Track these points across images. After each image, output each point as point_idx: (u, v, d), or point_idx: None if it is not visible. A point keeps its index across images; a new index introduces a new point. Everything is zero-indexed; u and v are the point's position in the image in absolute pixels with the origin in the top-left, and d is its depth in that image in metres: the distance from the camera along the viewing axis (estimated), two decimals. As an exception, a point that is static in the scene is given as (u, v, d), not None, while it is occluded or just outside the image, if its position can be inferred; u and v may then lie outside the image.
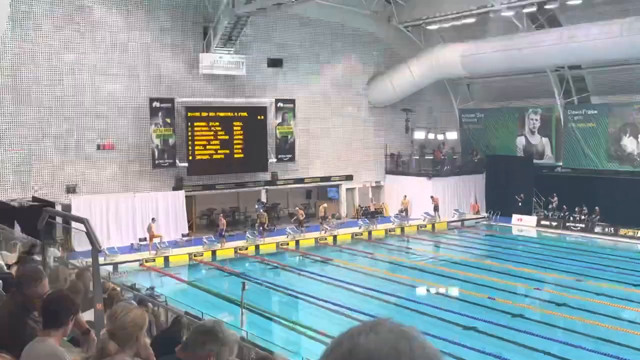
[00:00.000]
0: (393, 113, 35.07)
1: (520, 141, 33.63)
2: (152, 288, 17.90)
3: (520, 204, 32.29)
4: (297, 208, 29.94)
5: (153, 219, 26.05)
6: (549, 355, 14.81)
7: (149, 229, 25.40)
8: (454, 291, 21.23)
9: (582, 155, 31.11)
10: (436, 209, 31.56)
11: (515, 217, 31.98)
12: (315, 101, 32.54)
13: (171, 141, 27.59)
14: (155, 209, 27.57)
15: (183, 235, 27.42)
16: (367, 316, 17.34)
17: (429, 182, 33.06)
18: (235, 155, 29.31)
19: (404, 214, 31.45)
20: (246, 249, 26.86)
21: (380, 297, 19.65)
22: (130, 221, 27.00)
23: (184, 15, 28.29)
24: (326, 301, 19.03)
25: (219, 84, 29.57)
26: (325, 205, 30.43)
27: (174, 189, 28.42)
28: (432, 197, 31.74)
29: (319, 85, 32.61)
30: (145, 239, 26.20)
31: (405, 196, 31.88)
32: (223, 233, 26.66)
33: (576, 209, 30.51)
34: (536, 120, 32.98)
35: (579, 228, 30.01)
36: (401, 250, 27.81)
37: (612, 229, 28.77)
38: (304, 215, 29.69)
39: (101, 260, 22.34)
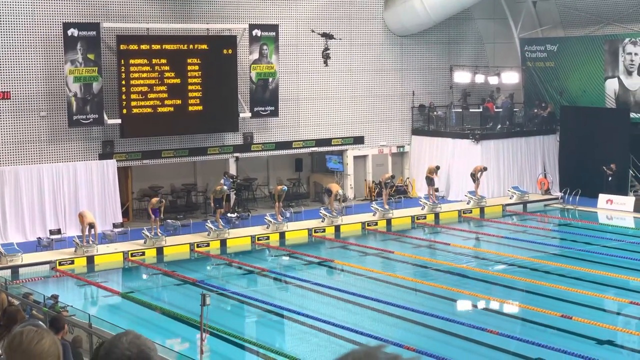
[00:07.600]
0: (423, 45, 34.96)
1: (612, 85, 33.64)
2: (54, 297, 18.26)
3: (610, 178, 32.42)
4: (278, 183, 29.49)
5: None
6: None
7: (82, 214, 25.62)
8: (511, 307, 21.46)
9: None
10: (477, 181, 31.60)
11: (603, 197, 32.16)
12: (308, 28, 32.47)
13: (96, 87, 27.66)
14: (73, 187, 27.76)
15: (115, 226, 27.66)
16: (384, 344, 17.58)
17: (476, 146, 33.22)
18: (191, 108, 29.43)
19: (435, 189, 31.63)
20: (207, 245, 27.15)
21: (401, 315, 19.85)
22: (37, 205, 27.19)
23: None
24: (321, 321, 19.22)
25: (166, 1, 29.50)
26: (338, 187, 30.27)
27: (101, 157, 28.59)
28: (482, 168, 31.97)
29: (312, 3, 32.55)
30: (58, 231, 26.42)
31: (439, 167, 31.96)
32: (158, 213, 26.73)
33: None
34: (636, 54, 32.95)
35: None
36: (434, 247, 28.07)
37: None
38: (282, 189, 29.02)
39: (-6, 262, 22.90)
